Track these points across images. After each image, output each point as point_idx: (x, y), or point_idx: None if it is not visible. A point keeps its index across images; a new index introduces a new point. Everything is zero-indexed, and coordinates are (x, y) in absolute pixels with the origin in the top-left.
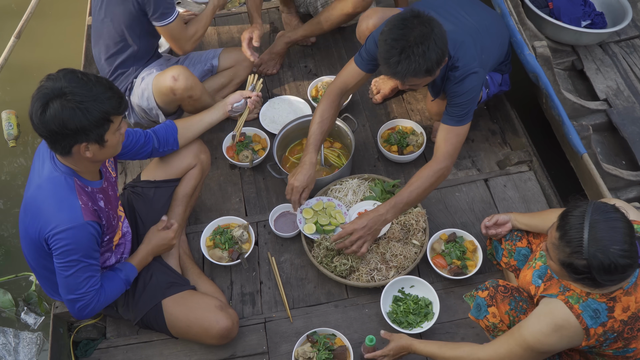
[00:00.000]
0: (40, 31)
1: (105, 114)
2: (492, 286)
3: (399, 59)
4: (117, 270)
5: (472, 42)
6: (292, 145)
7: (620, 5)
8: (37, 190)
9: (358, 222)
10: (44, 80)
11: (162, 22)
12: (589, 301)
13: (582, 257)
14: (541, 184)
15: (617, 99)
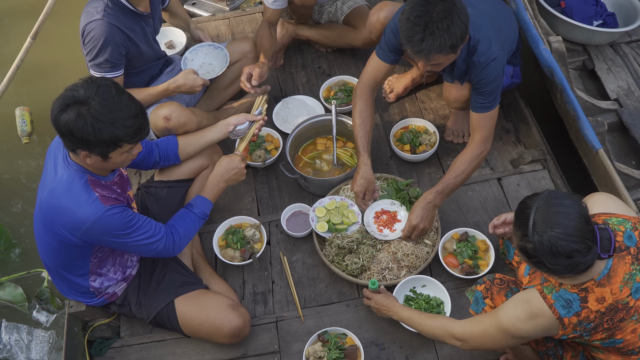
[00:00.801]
0: (56, 31)
1: (115, 139)
2: (489, 279)
3: (424, 36)
4: (189, 208)
5: (490, 24)
6: (304, 144)
7: (632, 5)
8: (51, 194)
9: (414, 218)
10: (80, 81)
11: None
12: (561, 291)
13: (529, 240)
14: (555, 183)
15: (628, 99)
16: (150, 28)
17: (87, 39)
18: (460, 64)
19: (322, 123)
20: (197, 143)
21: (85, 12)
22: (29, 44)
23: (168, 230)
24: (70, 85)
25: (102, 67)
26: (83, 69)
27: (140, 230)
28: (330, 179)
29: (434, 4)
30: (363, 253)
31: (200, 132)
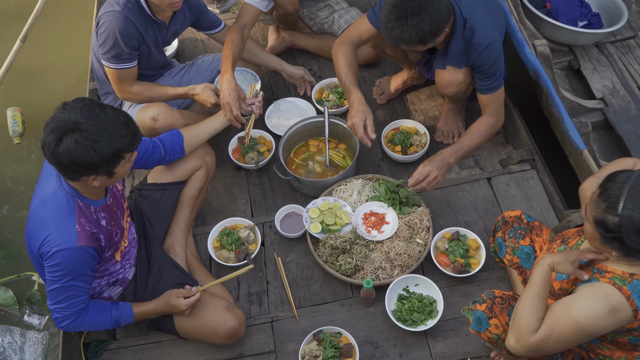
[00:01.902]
0: (45, 34)
1: (118, 152)
2: (489, 298)
3: (394, 25)
4: (113, 307)
5: (483, 8)
6: (297, 146)
7: (616, 6)
8: (41, 205)
9: (429, 164)
10: (59, 110)
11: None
12: (634, 282)
13: (616, 214)
14: (543, 182)
15: (613, 97)
16: (162, 36)
17: (101, 29)
18: (455, 48)
19: (314, 125)
20: (202, 134)
21: (106, 2)
22: (18, 47)
23: (82, 309)
24: (49, 119)
25: (118, 57)
26: (73, 71)
27: (77, 289)
28: (323, 180)
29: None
30: (356, 253)
31: (204, 123)
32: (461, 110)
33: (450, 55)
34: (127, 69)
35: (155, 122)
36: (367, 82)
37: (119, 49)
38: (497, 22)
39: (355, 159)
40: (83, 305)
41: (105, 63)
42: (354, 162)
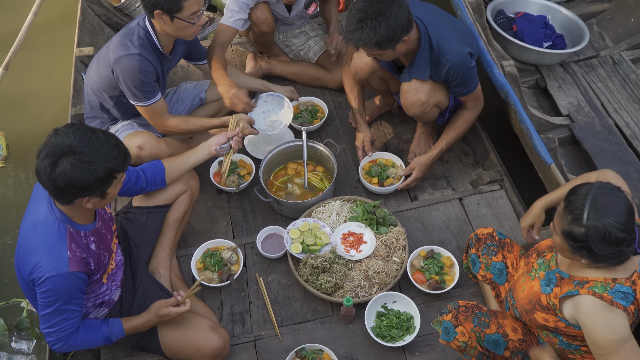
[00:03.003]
0: (28, 62)
1: (111, 172)
2: (454, 308)
3: (355, 28)
4: (103, 324)
5: (450, 26)
6: (276, 170)
7: (578, 27)
8: (31, 230)
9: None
10: (51, 135)
11: (137, 103)
12: (617, 286)
13: (581, 224)
14: (512, 202)
15: (579, 114)
16: (166, 68)
17: (122, 74)
18: (419, 62)
19: (293, 149)
20: (183, 166)
21: (120, 43)
22: (1, 74)
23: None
24: (42, 145)
25: (146, 94)
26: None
27: (68, 313)
28: (303, 202)
29: (373, 3)
30: (336, 272)
31: (185, 156)
32: (433, 133)
33: (414, 69)
34: (157, 102)
35: (141, 151)
36: (343, 107)
37: (145, 87)
38: (465, 38)
39: (333, 181)
40: (75, 327)
41: (136, 103)
42: (332, 184)
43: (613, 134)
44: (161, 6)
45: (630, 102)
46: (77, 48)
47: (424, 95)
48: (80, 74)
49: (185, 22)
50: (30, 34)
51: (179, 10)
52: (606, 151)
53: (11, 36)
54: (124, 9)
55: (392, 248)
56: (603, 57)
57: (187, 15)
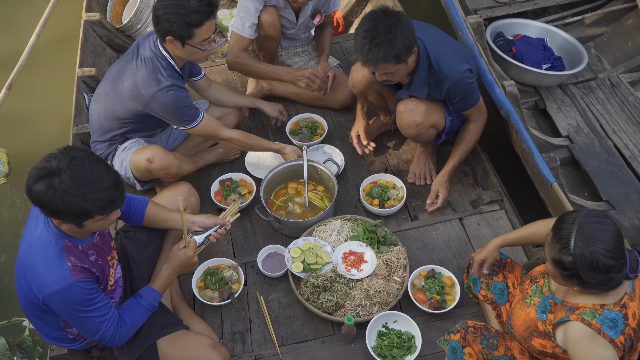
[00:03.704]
0: (30, 82)
1: (85, 212)
2: (463, 328)
3: (370, 47)
4: (137, 298)
5: (448, 45)
6: (276, 189)
7: (576, 50)
8: (28, 250)
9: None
10: (57, 151)
11: (185, 127)
12: (605, 312)
13: (569, 253)
14: (512, 222)
15: (578, 135)
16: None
17: (161, 109)
18: (418, 80)
19: (293, 168)
20: (161, 223)
21: (150, 78)
22: (4, 94)
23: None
24: (47, 155)
25: (192, 116)
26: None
27: (98, 312)
28: (303, 220)
29: (380, 20)
30: (337, 291)
31: (167, 215)
32: (432, 153)
33: (413, 87)
34: (205, 119)
35: (151, 164)
36: (343, 127)
37: (188, 110)
38: (464, 56)
39: (333, 200)
40: (115, 317)
41: (187, 128)
42: (332, 203)
43: (612, 155)
44: (173, 33)
45: (629, 124)
46: (79, 68)
47: (419, 116)
48: (82, 94)
49: (196, 49)
50: (33, 54)
51: (190, 37)
52: (606, 172)
53: (14, 57)
54: (126, 30)
55: (393, 267)
56: (601, 79)
57: (198, 42)
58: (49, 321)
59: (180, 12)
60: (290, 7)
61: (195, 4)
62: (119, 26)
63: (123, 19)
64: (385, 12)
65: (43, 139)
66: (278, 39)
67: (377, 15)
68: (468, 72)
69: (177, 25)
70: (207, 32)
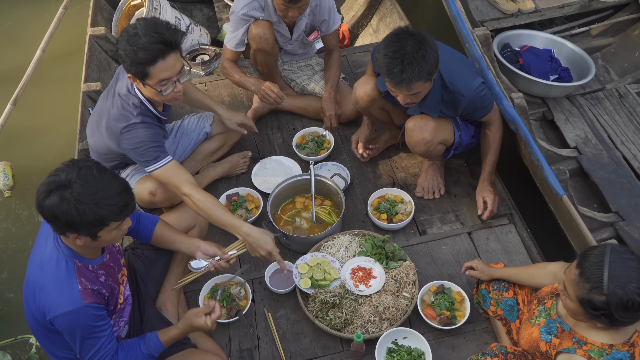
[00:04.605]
0: (35, 97)
1: (101, 219)
2: (502, 353)
3: (403, 67)
4: (141, 342)
5: (459, 63)
6: (284, 204)
7: (584, 61)
8: (39, 269)
9: (492, 193)
10: (63, 164)
11: (146, 167)
12: (613, 352)
13: (602, 293)
14: (521, 236)
15: (586, 146)
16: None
17: (129, 144)
18: (431, 98)
19: (300, 183)
20: (168, 244)
21: (120, 116)
22: (9, 110)
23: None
24: (53, 170)
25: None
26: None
27: (99, 341)
28: (311, 236)
29: (405, 39)
30: (346, 307)
31: (175, 237)
32: (440, 167)
33: (426, 105)
34: (170, 165)
35: (154, 197)
36: (349, 141)
37: (156, 152)
38: (475, 70)
39: (341, 215)
40: (112, 352)
41: (150, 169)
42: (340, 218)
43: (621, 166)
44: (129, 71)
45: (637, 135)
46: (84, 83)
47: (428, 134)
48: (88, 109)
49: (154, 90)
50: (37, 68)
51: (145, 76)
52: (615, 183)
53: (18, 71)
54: None
55: (402, 283)
56: (609, 90)
57: (155, 82)
58: (57, 341)
59: (129, 49)
60: (284, 23)
61: (145, 41)
62: None
63: None
64: (408, 31)
65: (47, 153)
66: (272, 52)
67: (401, 35)
68: (482, 86)
69: (127, 63)
70: (164, 72)
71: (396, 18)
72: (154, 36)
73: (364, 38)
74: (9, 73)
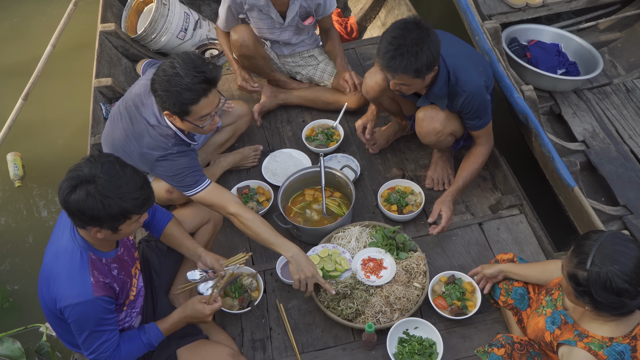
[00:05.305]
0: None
1: (125, 212)
2: (508, 343)
3: (394, 55)
4: (141, 332)
5: (467, 58)
6: (294, 196)
7: (591, 55)
8: (54, 259)
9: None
10: (84, 160)
11: (187, 192)
12: (614, 345)
13: (584, 269)
14: (532, 226)
15: (594, 140)
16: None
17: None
18: (437, 91)
19: (310, 175)
20: (174, 245)
21: (153, 144)
22: (20, 105)
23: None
24: (74, 166)
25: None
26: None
27: (104, 335)
28: (322, 227)
29: (410, 30)
30: (357, 298)
31: (182, 240)
32: (450, 158)
33: (433, 96)
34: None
35: (171, 194)
36: None
37: (195, 177)
38: (481, 69)
39: (351, 206)
40: (115, 344)
41: (190, 193)
42: (350, 210)
43: (629, 160)
44: (168, 109)
45: None
46: (95, 79)
47: (439, 124)
48: (99, 104)
49: (194, 125)
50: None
51: (186, 114)
52: (622, 177)
53: (26, 65)
54: (141, 40)
55: (413, 273)
56: (616, 84)
57: (196, 118)
58: (69, 330)
59: (172, 90)
60: (274, 7)
61: (188, 81)
62: (134, 36)
63: (138, 29)
64: (418, 24)
65: (56, 145)
66: (257, 55)
67: (409, 25)
68: (484, 88)
69: (169, 103)
70: (206, 108)
71: (404, 10)
72: (197, 76)
73: (372, 31)
74: (17, 67)
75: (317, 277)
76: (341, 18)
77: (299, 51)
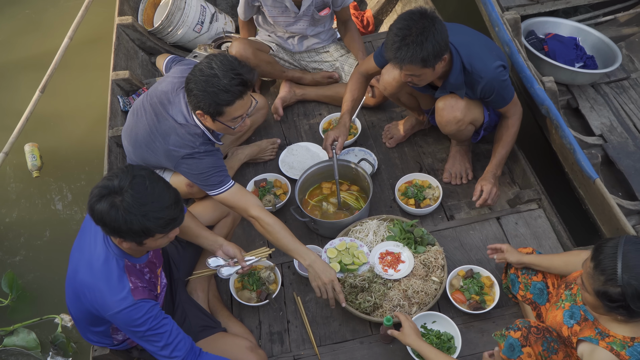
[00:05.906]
0: (61, 83)
1: (146, 230)
2: (525, 326)
3: (400, 46)
4: None
5: (480, 44)
6: (311, 189)
7: (609, 49)
8: (89, 268)
9: (489, 183)
10: (120, 169)
11: (211, 192)
12: (635, 345)
13: (617, 285)
14: (551, 221)
15: (612, 134)
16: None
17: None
18: (453, 81)
19: (327, 168)
20: (191, 237)
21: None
22: (37, 97)
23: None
24: (109, 173)
25: (221, 183)
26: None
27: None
28: (339, 221)
29: (415, 21)
30: (375, 291)
31: (199, 231)
32: (467, 151)
33: (450, 86)
34: (235, 189)
35: (192, 188)
36: (376, 127)
37: (219, 177)
38: (496, 52)
39: (369, 200)
40: (188, 340)
41: (213, 193)
42: (367, 203)
43: None
44: (202, 109)
45: None
46: (113, 72)
47: (459, 112)
48: (117, 97)
49: (225, 126)
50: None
51: (219, 115)
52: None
53: (41, 57)
54: (157, 33)
55: (431, 267)
56: (634, 79)
57: (228, 119)
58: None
59: (209, 90)
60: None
61: (226, 82)
62: (151, 29)
63: (154, 21)
64: (422, 13)
65: (72, 138)
66: (261, 63)
67: (414, 15)
68: (501, 69)
69: (204, 103)
70: (239, 110)
71: (421, 2)
72: (234, 78)
73: (389, 24)
74: (32, 60)
75: (335, 283)
76: (357, 11)
77: (315, 47)
